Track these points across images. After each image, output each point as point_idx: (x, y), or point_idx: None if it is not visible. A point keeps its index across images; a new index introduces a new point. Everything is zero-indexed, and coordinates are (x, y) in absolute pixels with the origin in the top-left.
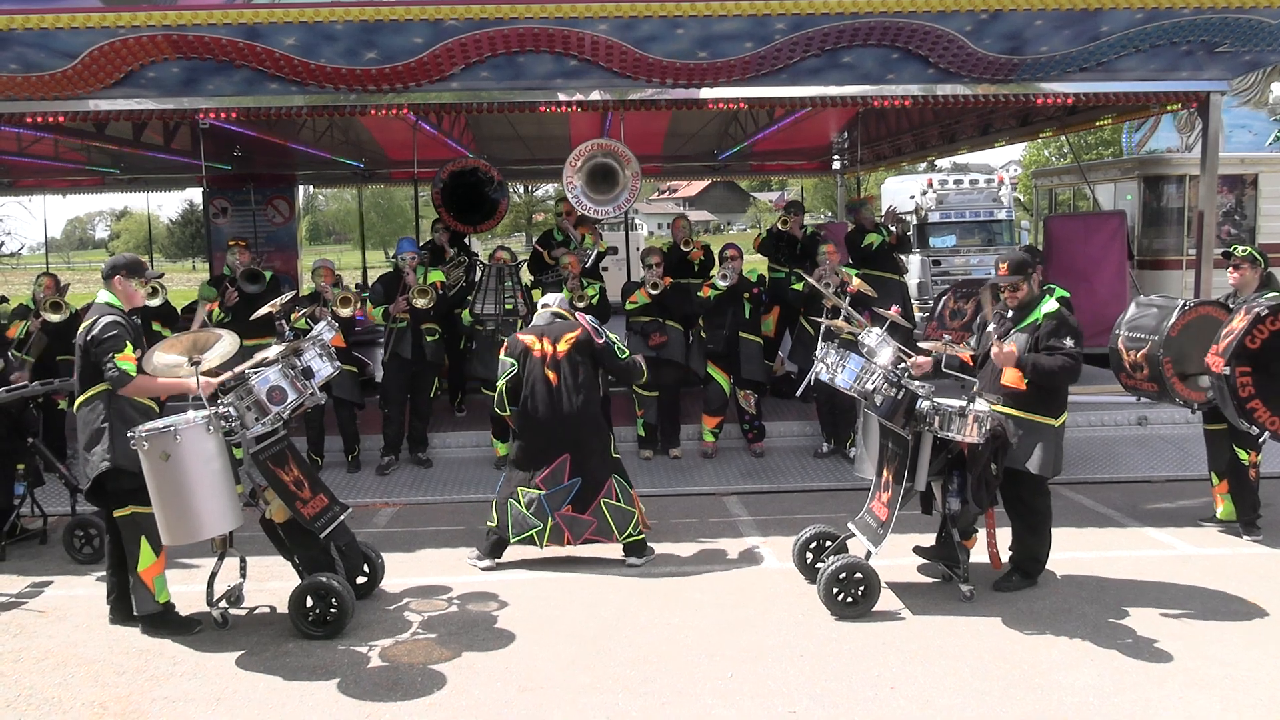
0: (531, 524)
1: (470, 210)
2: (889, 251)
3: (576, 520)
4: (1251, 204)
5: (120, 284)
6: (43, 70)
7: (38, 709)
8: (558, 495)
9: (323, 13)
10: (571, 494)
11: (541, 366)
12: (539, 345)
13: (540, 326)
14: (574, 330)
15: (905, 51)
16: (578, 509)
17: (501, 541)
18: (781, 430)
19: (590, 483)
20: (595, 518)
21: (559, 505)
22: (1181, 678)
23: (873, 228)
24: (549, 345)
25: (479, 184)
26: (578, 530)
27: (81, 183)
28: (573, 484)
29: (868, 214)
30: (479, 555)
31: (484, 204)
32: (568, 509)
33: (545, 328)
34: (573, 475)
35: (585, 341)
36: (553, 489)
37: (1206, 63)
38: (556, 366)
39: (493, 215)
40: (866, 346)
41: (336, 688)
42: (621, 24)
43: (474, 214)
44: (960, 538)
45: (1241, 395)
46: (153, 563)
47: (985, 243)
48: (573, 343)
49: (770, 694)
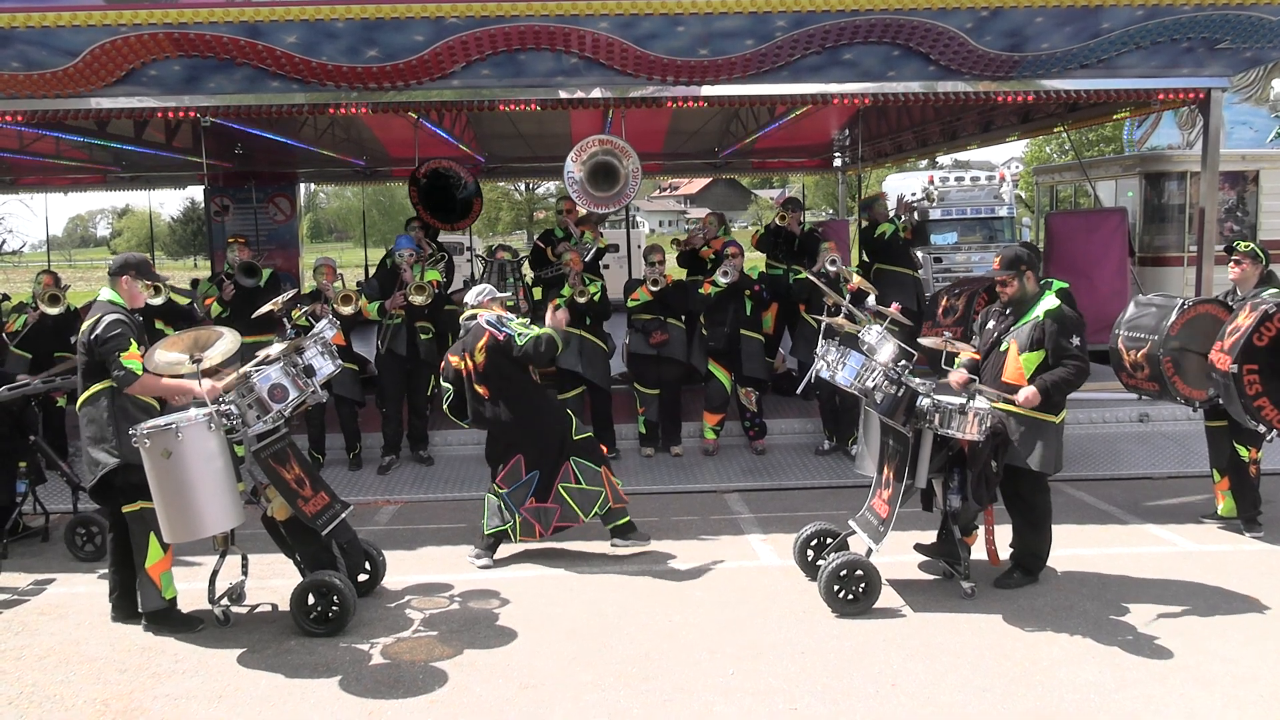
0: (505, 519)
1: (445, 208)
2: (904, 245)
3: (542, 510)
4: (1253, 200)
5: (127, 284)
6: (44, 68)
7: (40, 706)
8: (519, 491)
9: (324, 11)
10: (532, 488)
11: (471, 384)
12: (464, 363)
13: (462, 340)
14: (481, 337)
15: (906, 49)
16: (540, 499)
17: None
18: (783, 428)
19: (547, 472)
20: (557, 504)
21: (522, 500)
22: (1183, 674)
23: (885, 219)
24: (469, 361)
25: (450, 185)
26: (545, 520)
27: (83, 180)
28: (530, 478)
29: (880, 208)
30: (478, 553)
31: (456, 204)
32: (531, 501)
33: (464, 340)
34: (529, 470)
35: (493, 345)
36: (513, 486)
37: (1207, 59)
38: (484, 379)
39: (467, 214)
40: (867, 344)
41: (338, 685)
42: (622, 21)
43: (449, 212)
44: (961, 535)
45: (1249, 393)
46: (160, 558)
47: (986, 239)
48: (485, 350)
49: (771, 691)
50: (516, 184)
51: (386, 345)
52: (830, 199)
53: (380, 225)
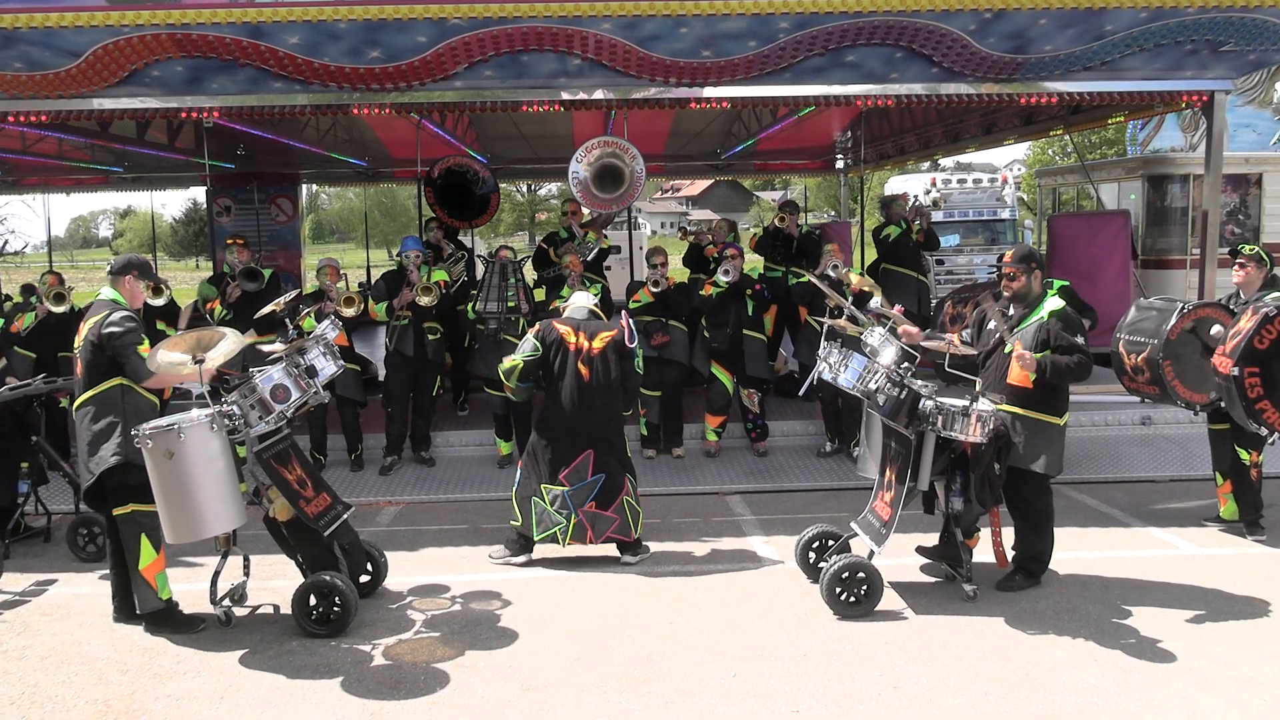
0: (555, 521)
1: (462, 207)
2: (913, 247)
3: (600, 517)
4: (1256, 203)
5: (129, 284)
6: (47, 69)
7: (41, 707)
8: (582, 491)
9: (326, 11)
10: (595, 490)
11: (576, 360)
12: (575, 338)
13: (577, 320)
14: (611, 330)
15: (909, 51)
16: (601, 505)
17: (527, 540)
18: (784, 429)
19: (613, 480)
20: (618, 515)
21: (583, 501)
22: (1185, 678)
23: (897, 221)
24: (585, 340)
25: (468, 183)
26: (600, 527)
27: (85, 181)
28: (596, 480)
29: (898, 209)
30: (506, 553)
31: (475, 200)
32: (591, 505)
33: (582, 322)
34: (596, 471)
35: (620, 342)
36: (576, 485)
37: (1211, 62)
38: (590, 362)
39: (485, 211)
40: (869, 346)
41: (340, 686)
42: (625, 23)
43: (466, 210)
44: (963, 537)
45: (1250, 396)
46: (153, 560)
47: (988, 242)
48: (608, 341)
49: (773, 693)
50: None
51: (394, 345)
52: (832, 201)
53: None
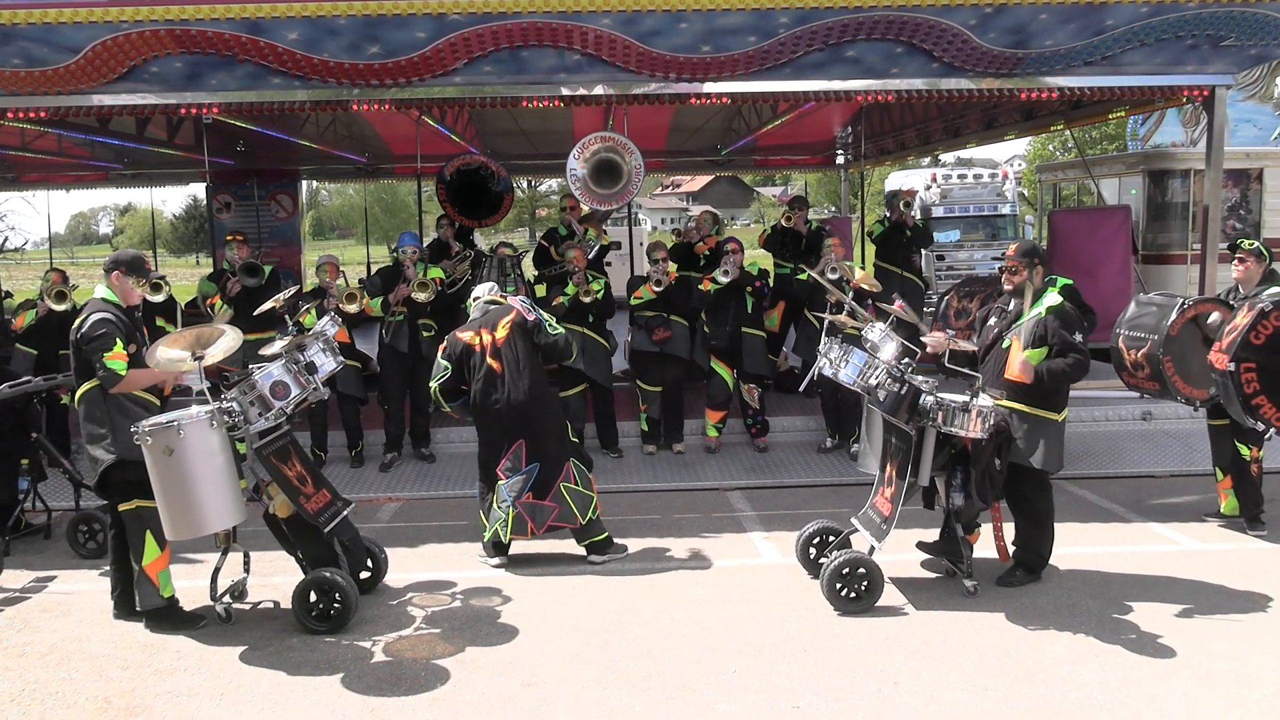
0: (497, 516)
1: (474, 205)
2: (905, 243)
3: (538, 508)
4: (1257, 198)
5: (118, 280)
6: (46, 65)
7: (42, 703)
8: (517, 482)
9: (325, 7)
10: (531, 480)
11: (484, 358)
12: (478, 339)
13: (476, 320)
14: (508, 313)
15: (910, 46)
16: (538, 495)
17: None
18: (785, 425)
19: (549, 467)
20: (556, 503)
21: (519, 493)
22: (1186, 673)
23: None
24: (487, 336)
25: (483, 180)
26: (540, 517)
27: (85, 178)
28: (530, 469)
29: (895, 204)
30: (486, 554)
31: (488, 199)
32: (528, 496)
33: (481, 319)
34: (530, 460)
35: (520, 322)
36: (512, 476)
37: (1212, 57)
38: (498, 354)
39: (497, 210)
40: (870, 341)
41: (340, 683)
42: (625, 18)
43: (478, 209)
44: (964, 533)
45: (1247, 391)
46: (157, 557)
47: (989, 237)
48: (510, 326)
49: (773, 689)
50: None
51: (389, 342)
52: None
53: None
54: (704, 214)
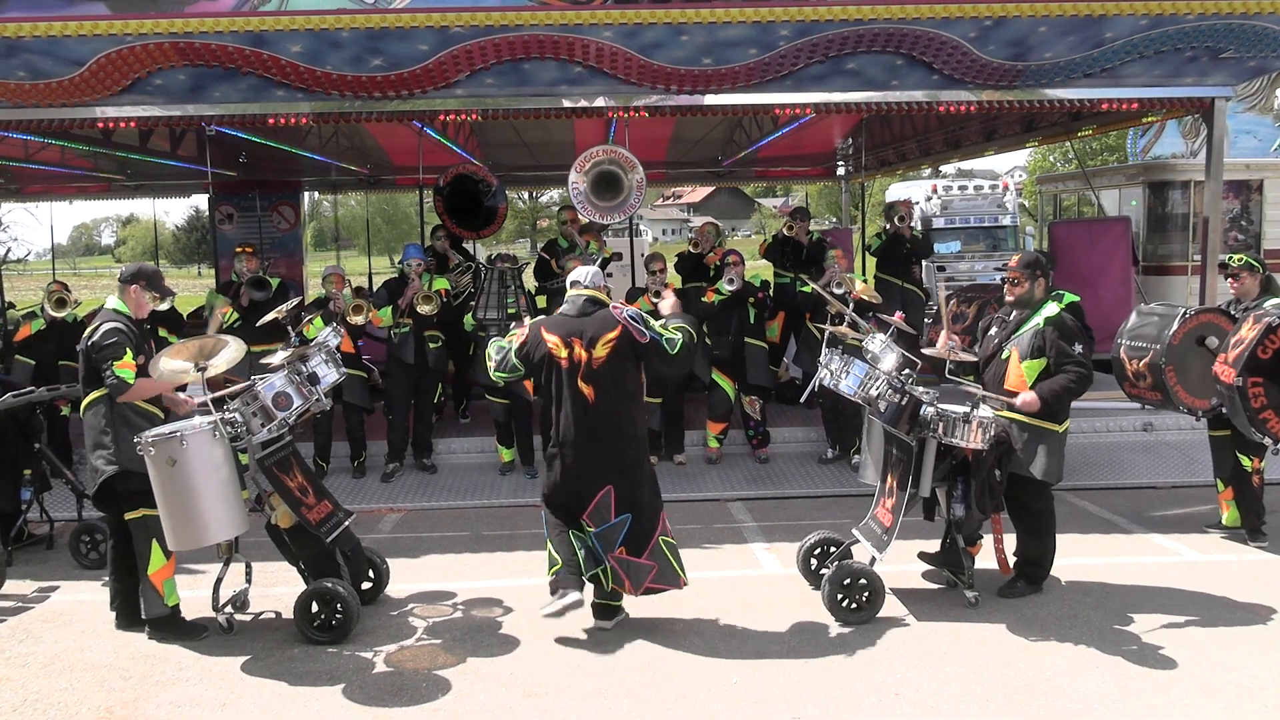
0: (591, 565)
1: (471, 216)
2: (904, 254)
3: (633, 565)
4: (1257, 209)
5: (136, 293)
6: (50, 77)
7: (44, 714)
8: (609, 533)
9: (329, 21)
10: (623, 533)
11: (574, 379)
12: (566, 351)
13: (570, 321)
14: (612, 329)
15: (909, 58)
16: (632, 551)
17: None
18: (786, 436)
19: (643, 518)
20: (655, 560)
21: (612, 546)
22: (1187, 684)
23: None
24: (582, 350)
25: (477, 191)
26: (637, 577)
27: (88, 189)
28: (622, 520)
29: (891, 215)
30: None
31: (483, 210)
32: (621, 551)
33: (575, 323)
34: (620, 511)
35: (628, 343)
36: (602, 526)
37: (1211, 69)
38: (594, 378)
39: (493, 221)
40: (870, 352)
41: (341, 693)
42: (626, 31)
43: (474, 219)
44: (965, 544)
45: (1254, 406)
46: (163, 565)
47: (990, 248)
48: (613, 345)
49: (774, 699)
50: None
51: (395, 353)
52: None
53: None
54: (706, 225)
